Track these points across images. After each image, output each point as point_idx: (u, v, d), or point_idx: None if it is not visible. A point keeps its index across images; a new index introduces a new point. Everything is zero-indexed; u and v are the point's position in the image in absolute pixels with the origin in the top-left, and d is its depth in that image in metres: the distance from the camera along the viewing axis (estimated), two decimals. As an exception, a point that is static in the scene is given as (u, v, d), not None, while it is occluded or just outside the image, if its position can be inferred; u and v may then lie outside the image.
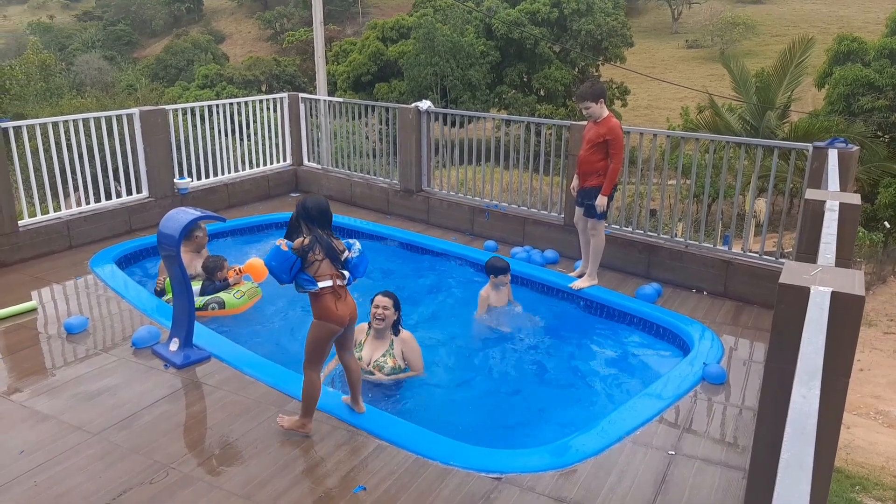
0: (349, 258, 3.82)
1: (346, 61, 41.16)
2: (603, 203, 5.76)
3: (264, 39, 66.94)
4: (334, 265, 3.75)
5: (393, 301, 4.75)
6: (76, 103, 27.31)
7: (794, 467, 1.41)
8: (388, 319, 4.73)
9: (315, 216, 3.75)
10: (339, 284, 3.74)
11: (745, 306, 5.88)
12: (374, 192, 8.79)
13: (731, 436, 4.08)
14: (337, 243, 3.80)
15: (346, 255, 3.81)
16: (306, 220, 3.76)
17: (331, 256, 3.73)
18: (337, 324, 3.75)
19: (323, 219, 3.77)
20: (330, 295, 3.71)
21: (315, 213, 3.75)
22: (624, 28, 41.45)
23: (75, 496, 3.37)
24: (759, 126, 19.77)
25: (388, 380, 4.72)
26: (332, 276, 3.73)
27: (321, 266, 3.70)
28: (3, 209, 6.48)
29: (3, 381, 4.49)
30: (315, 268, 3.70)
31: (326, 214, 3.79)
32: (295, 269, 3.70)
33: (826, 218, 3.43)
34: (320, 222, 3.77)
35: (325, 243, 3.71)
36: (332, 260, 3.74)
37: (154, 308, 5.60)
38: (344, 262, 3.80)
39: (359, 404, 4.12)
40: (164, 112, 7.88)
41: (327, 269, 3.72)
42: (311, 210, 3.75)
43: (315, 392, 3.86)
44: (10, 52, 59.10)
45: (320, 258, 3.70)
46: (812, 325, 2.10)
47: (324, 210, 3.78)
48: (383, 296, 4.77)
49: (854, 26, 47.16)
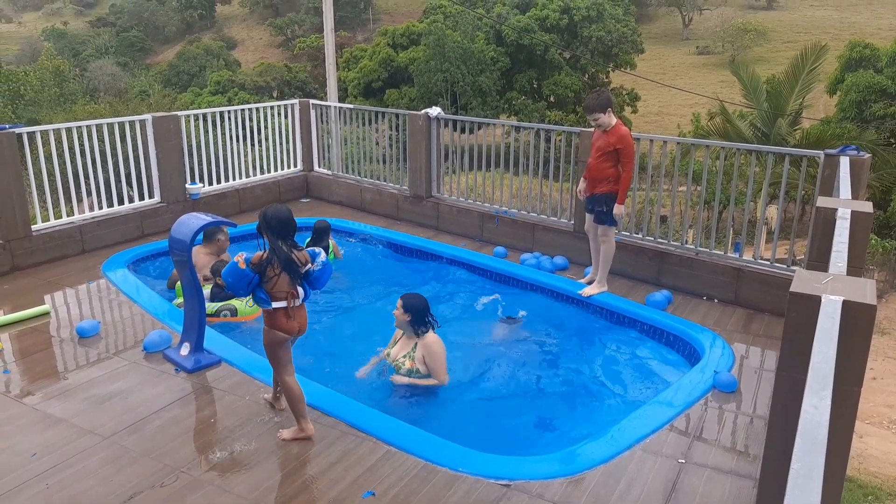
0: (311, 270, 3.77)
1: (356, 67, 41.36)
2: (621, 212, 5.79)
3: (275, 46, 67.41)
4: (293, 279, 3.73)
5: (403, 303, 4.78)
6: (90, 109, 27.53)
7: (804, 477, 1.40)
8: (399, 320, 4.79)
9: (275, 227, 3.69)
10: (291, 305, 3.75)
11: (756, 314, 5.85)
12: (384, 197, 8.81)
13: (742, 444, 4.06)
14: (299, 255, 3.75)
15: (308, 267, 3.76)
16: (267, 232, 3.72)
17: (289, 270, 3.69)
18: (286, 332, 3.81)
19: (284, 229, 3.71)
20: (282, 311, 3.75)
21: (275, 223, 3.69)
22: (634, 34, 41.46)
23: (86, 499, 3.40)
24: (770, 133, 19.69)
25: (405, 381, 4.74)
26: (288, 294, 3.73)
27: (278, 281, 3.69)
28: (17, 214, 6.55)
29: (16, 384, 4.53)
30: (272, 283, 3.69)
31: (288, 225, 3.72)
32: (253, 285, 3.70)
33: (838, 226, 3.41)
34: (282, 233, 3.70)
35: (283, 257, 3.67)
36: (291, 273, 3.71)
37: (165, 312, 5.64)
38: (306, 273, 3.76)
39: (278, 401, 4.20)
40: (177, 118, 7.94)
41: (284, 286, 3.71)
42: (271, 221, 3.69)
43: (294, 395, 3.90)
44: (25, 58, 59.80)
45: (278, 272, 3.67)
46: (823, 335, 2.10)
47: (284, 220, 3.71)
48: (400, 298, 4.84)
49: (866, 32, 46.96)
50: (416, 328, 4.78)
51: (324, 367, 5.14)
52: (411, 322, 4.78)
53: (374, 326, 5.85)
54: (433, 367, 4.71)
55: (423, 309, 4.80)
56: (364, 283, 6.92)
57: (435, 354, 4.71)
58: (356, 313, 6.20)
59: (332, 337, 5.70)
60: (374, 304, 6.34)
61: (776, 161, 8.04)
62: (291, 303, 3.75)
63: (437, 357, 4.72)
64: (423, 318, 4.79)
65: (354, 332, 5.81)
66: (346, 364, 5.17)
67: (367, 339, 5.55)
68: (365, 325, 5.91)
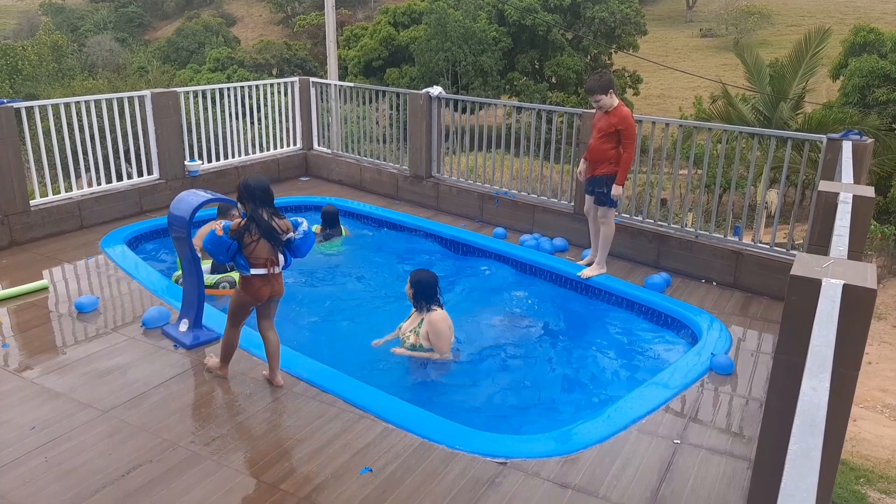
0: (293, 238, 3.92)
1: (357, 46, 41.01)
2: (619, 192, 5.78)
3: (275, 23, 66.76)
4: (273, 246, 3.86)
5: (411, 278, 4.87)
6: (88, 85, 27.33)
7: (802, 458, 1.41)
8: (408, 295, 4.88)
9: (257, 195, 3.83)
10: (271, 272, 3.90)
11: (754, 297, 5.86)
12: (384, 177, 8.78)
13: (737, 426, 4.08)
14: (281, 223, 3.90)
15: (289, 235, 3.91)
16: (248, 199, 3.85)
17: (269, 237, 3.84)
18: (253, 298, 3.98)
19: (264, 197, 3.85)
20: (259, 278, 3.89)
21: (257, 192, 3.83)
22: (637, 16, 41.05)
23: (85, 472, 3.42)
24: (772, 117, 19.58)
25: (403, 353, 4.82)
26: (267, 261, 3.88)
27: (256, 248, 3.84)
28: (16, 188, 6.53)
29: (15, 359, 4.54)
30: (251, 249, 3.84)
31: (268, 193, 3.87)
32: (232, 251, 3.85)
33: (839, 210, 3.40)
34: (262, 201, 3.84)
35: (263, 224, 3.81)
36: (271, 240, 3.85)
37: (164, 288, 5.64)
38: (287, 241, 3.91)
39: (275, 377, 4.23)
40: (176, 94, 7.88)
41: (263, 253, 3.86)
42: (253, 189, 3.84)
43: (229, 347, 4.19)
44: (22, 33, 59.22)
45: (256, 238, 3.82)
46: (823, 318, 2.09)
47: (264, 188, 3.85)
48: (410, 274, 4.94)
49: (871, 17, 46.57)
50: (421, 304, 4.80)
51: (324, 342, 5.18)
52: (416, 297, 4.82)
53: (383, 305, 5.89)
54: (436, 343, 4.75)
55: (429, 285, 4.82)
56: (373, 262, 6.94)
57: (439, 332, 4.73)
58: (363, 292, 6.21)
59: (337, 314, 5.72)
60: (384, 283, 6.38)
61: (778, 145, 8.01)
62: (271, 269, 3.90)
63: (441, 334, 4.74)
64: (428, 294, 4.81)
65: (362, 310, 5.84)
66: (349, 341, 5.21)
67: (373, 317, 5.60)
68: (371, 304, 5.94)
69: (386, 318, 5.43)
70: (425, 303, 4.82)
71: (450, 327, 4.83)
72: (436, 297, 4.85)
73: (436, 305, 4.84)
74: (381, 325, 5.28)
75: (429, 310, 4.80)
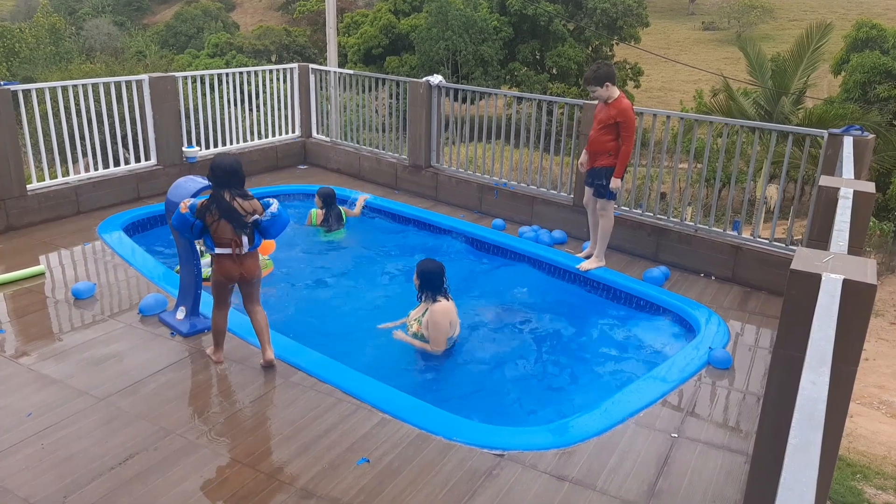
0: (260, 220, 3.96)
1: (357, 33, 40.77)
2: (617, 185, 5.75)
3: (275, 9, 66.34)
4: (235, 227, 3.91)
5: (417, 267, 4.89)
6: (85, 68, 27.21)
7: (801, 453, 1.40)
8: (415, 285, 4.89)
9: (219, 175, 3.91)
10: (236, 253, 3.97)
11: (752, 292, 5.86)
12: (383, 166, 8.75)
13: (735, 420, 4.09)
14: (245, 203, 3.93)
15: (254, 217, 3.95)
16: (212, 180, 3.95)
17: (228, 217, 3.89)
18: (224, 278, 4.07)
19: (229, 178, 3.90)
20: (223, 257, 3.99)
21: (219, 172, 3.90)
22: (639, 7, 40.85)
23: (82, 459, 3.41)
24: (773, 111, 19.55)
25: (402, 338, 4.87)
26: (231, 241, 3.95)
27: (218, 228, 3.92)
28: (13, 172, 6.48)
29: (11, 345, 4.53)
30: (213, 228, 3.93)
31: (232, 174, 3.91)
32: (196, 229, 3.97)
33: (840, 205, 3.39)
34: (224, 182, 3.91)
35: (223, 205, 3.88)
36: (231, 221, 3.90)
37: (161, 276, 5.62)
38: (255, 222, 3.96)
39: (265, 353, 4.27)
40: (174, 79, 7.83)
41: (227, 233, 3.93)
42: (215, 169, 3.91)
43: (216, 330, 4.26)
44: (20, 15, 58.79)
45: (216, 218, 3.90)
46: (823, 313, 2.09)
47: (228, 170, 3.90)
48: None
49: (874, 13, 46.43)
50: (427, 294, 4.80)
51: (324, 331, 5.17)
52: (422, 287, 4.82)
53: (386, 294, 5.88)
54: (432, 335, 4.73)
55: (432, 275, 4.81)
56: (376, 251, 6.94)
57: (436, 324, 4.72)
58: (365, 281, 6.20)
59: (338, 303, 5.72)
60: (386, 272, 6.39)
61: (779, 139, 7.99)
62: (235, 250, 3.96)
63: (438, 326, 4.73)
64: (431, 284, 4.80)
65: (365, 298, 5.83)
66: (349, 329, 5.21)
67: (375, 306, 5.60)
68: (374, 293, 5.95)
69: (387, 308, 5.42)
70: (431, 293, 4.81)
71: (451, 322, 4.79)
72: (441, 287, 4.83)
73: (441, 296, 4.81)
74: (382, 314, 5.27)
75: (434, 300, 4.79)
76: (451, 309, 4.82)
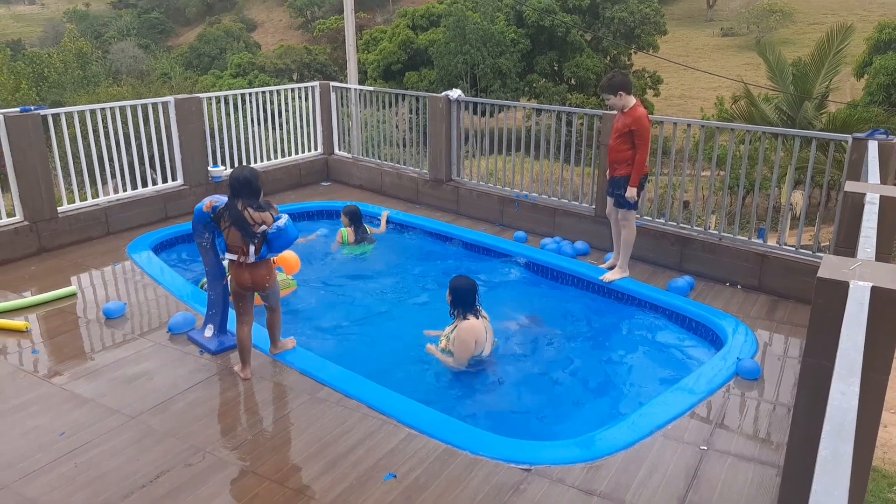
0: (267, 231, 4.09)
1: (376, 50, 41.18)
2: (633, 194, 5.73)
3: (295, 28, 67.33)
4: (243, 236, 4.08)
5: (449, 285, 4.90)
6: (112, 91, 27.76)
7: (832, 464, 1.39)
8: (448, 301, 4.91)
9: (234, 186, 4.10)
10: (241, 261, 4.15)
11: (780, 301, 5.79)
12: (404, 181, 8.81)
13: (765, 432, 4.03)
14: (255, 215, 4.07)
15: (262, 228, 4.08)
16: (229, 190, 4.13)
17: (237, 225, 4.07)
18: (236, 284, 4.28)
19: (243, 189, 4.08)
20: (233, 264, 4.20)
21: (234, 182, 4.10)
22: (657, 15, 40.80)
23: (114, 478, 3.46)
24: (795, 117, 19.34)
25: (431, 352, 4.92)
26: (239, 249, 4.13)
27: (230, 233, 4.11)
28: (44, 195, 6.64)
29: (45, 365, 4.62)
30: (226, 234, 4.14)
31: (245, 184, 4.08)
32: (210, 228, 4.36)
33: (866, 211, 3.35)
34: (238, 192, 4.09)
35: (233, 213, 4.06)
36: (240, 229, 4.07)
37: (189, 294, 5.70)
38: (262, 234, 4.09)
39: (272, 348, 4.62)
40: (199, 100, 7.97)
41: (234, 240, 4.12)
42: (231, 179, 4.12)
43: (241, 343, 4.37)
44: (48, 41, 60.29)
45: (227, 225, 4.10)
46: (851, 321, 2.07)
47: (242, 180, 4.08)
48: None
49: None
50: (458, 311, 4.82)
51: (351, 347, 5.21)
52: (454, 304, 4.84)
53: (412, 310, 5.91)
54: (456, 351, 4.74)
55: (462, 293, 4.81)
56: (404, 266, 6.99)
57: (461, 342, 4.73)
58: (391, 297, 6.23)
59: (364, 319, 5.76)
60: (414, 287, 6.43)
61: (802, 145, 7.92)
62: (241, 258, 4.14)
63: (461, 344, 4.73)
64: (464, 301, 4.80)
65: (390, 314, 5.87)
66: (375, 344, 5.24)
67: (400, 322, 5.63)
68: (399, 308, 5.98)
69: (413, 323, 5.45)
70: (462, 310, 4.80)
71: (477, 341, 4.74)
72: (473, 305, 4.81)
73: (472, 314, 4.80)
74: (408, 330, 5.30)
75: (464, 317, 4.79)
76: (477, 327, 4.77)
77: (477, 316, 4.82)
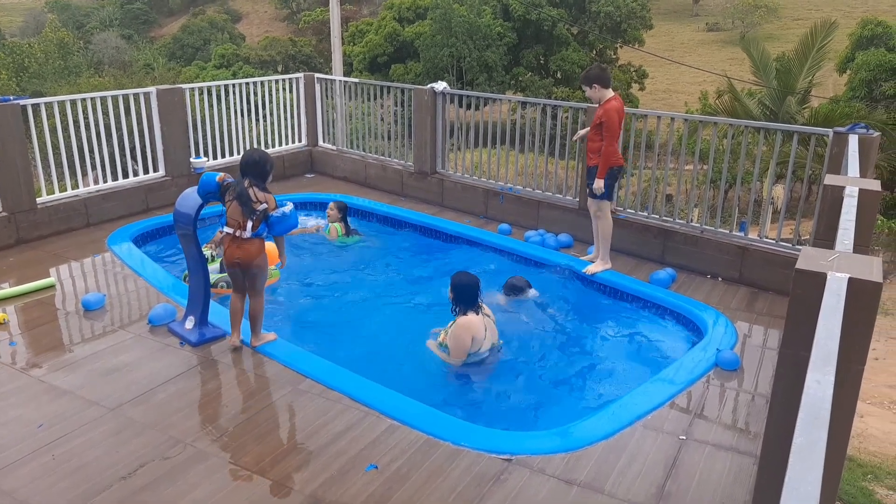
0: (270, 213, 4.31)
1: (362, 42, 40.96)
2: (600, 185, 5.77)
3: (280, 19, 66.74)
4: (244, 210, 4.28)
5: (451, 281, 4.91)
6: (94, 82, 27.44)
7: (806, 452, 1.40)
8: (449, 297, 4.92)
9: (243, 166, 4.38)
10: (237, 235, 4.33)
11: (760, 293, 5.85)
12: (389, 173, 8.78)
13: (743, 422, 4.07)
14: (259, 194, 4.31)
15: (262, 206, 4.29)
16: (239, 168, 4.40)
17: (240, 200, 4.29)
18: (226, 259, 4.47)
19: (251, 170, 4.34)
20: (228, 237, 4.39)
21: (243, 162, 4.39)
22: (643, 10, 40.86)
23: (93, 469, 3.44)
24: (778, 111, 19.50)
25: (430, 347, 4.92)
26: (236, 223, 4.33)
27: (231, 206, 4.34)
28: (23, 186, 6.55)
29: (23, 356, 4.57)
30: (228, 207, 4.37)
31: (253, 165, 4.35)
32: (212, 197, 4.49)
33: (845, 204, 3.38)
34: (246, 171, 4.36)
35: (239, 189, 4.31)
36: (241, 204, 4.29)
37: (170, 286, 5.66)
38: (262, 213, 4.29)
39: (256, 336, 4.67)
40: (181, 91, 7.89)
41: (234, 214, 4.33)
42: (242, 161, 4.41)
43: (231, 308, 4.63)
44: (28, 30, 59.39)
45: (230, 199, 4.33)
46: (828, 311, 2.08)
47: (250, 161, 4.36)
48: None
49: (880, 10, 46.21)
50: (458, 307, 4.81)
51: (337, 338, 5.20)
52: (455, 300, 4.83)
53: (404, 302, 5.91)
54: (451, 346, 4.74)
55: (463, 289, 4.80)
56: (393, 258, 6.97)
57: (456, 337, 4.73)
58: (381, 289, 6.22)
59: (353, 310, 5.75)
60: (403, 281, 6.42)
61: (784, 139, 7.98)
62: (237, 232, 4.32)
63: (456, 340, 4.73)
64: (465, 298, 4.79)
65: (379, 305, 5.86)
66: (360, 336, 5.23)
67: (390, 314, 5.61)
68: (390, 300, 5.97)
69: (403, 316, 5.44)
70: (462, 306, 4.79)
71: (474, 337, 4.70)
72: (474, 301, 4.79)
73: (472, 311, 4.78)
74: (398, 322, 5.30)
75: (464, 313, 4.78)
76: (475, 323, 4.73)
77: (478, 312, 4.81)
